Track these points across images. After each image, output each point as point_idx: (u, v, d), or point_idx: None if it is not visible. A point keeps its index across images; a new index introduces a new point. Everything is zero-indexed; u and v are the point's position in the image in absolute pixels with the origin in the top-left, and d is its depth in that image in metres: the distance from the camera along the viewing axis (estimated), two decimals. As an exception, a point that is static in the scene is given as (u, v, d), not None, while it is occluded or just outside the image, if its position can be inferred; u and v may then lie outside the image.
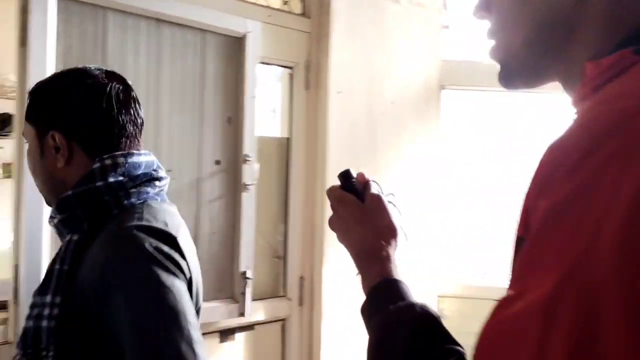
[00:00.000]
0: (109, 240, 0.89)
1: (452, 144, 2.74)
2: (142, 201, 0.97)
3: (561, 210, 0.38)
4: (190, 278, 0.92)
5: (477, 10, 0.59)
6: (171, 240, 0.90)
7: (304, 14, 2.15)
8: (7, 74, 3.21)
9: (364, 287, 0.71)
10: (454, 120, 2.75)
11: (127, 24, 1.66)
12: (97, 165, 0.96)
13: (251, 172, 1.92)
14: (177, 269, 0.88)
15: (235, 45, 1.91)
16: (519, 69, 0.56)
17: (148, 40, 1.71)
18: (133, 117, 1.00)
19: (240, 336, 2.01)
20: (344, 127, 2.14)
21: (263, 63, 2.03)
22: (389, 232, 0.73)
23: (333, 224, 0.76)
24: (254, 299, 1.97)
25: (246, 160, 1.91)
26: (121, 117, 0.98)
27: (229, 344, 1.98)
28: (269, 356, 2.11)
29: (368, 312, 0.67)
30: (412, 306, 0.64)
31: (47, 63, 1.46)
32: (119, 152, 0.97)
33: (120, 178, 0.96)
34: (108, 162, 0.96)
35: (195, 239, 1.47)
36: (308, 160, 2.16)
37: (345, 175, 0.77)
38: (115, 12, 1.63)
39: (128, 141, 1.00)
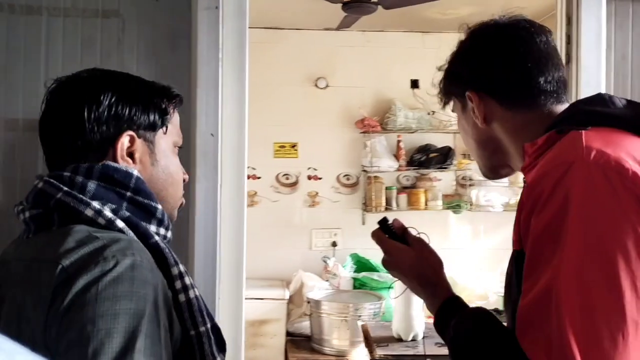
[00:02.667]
0: None
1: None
2: None
3: (547, 228, 0.71)
4: None
5: None
6: None
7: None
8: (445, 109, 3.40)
9: (432, 309, 0.94)
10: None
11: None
12: None
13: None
14: None
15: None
16: (485, 170, 0.96)
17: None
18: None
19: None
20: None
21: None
22: (439, 265, 0.97)
23: (390, 266, 0.97)
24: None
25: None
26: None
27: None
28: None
29: (444, 321, 0.89)
30: (479, 307, 0.89)
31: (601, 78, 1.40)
32: None
33: None
34: None
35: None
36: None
37: (383, 222, 0.97)
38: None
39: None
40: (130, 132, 0.81)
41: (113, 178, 0.78)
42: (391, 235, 0.96)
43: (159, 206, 0.81)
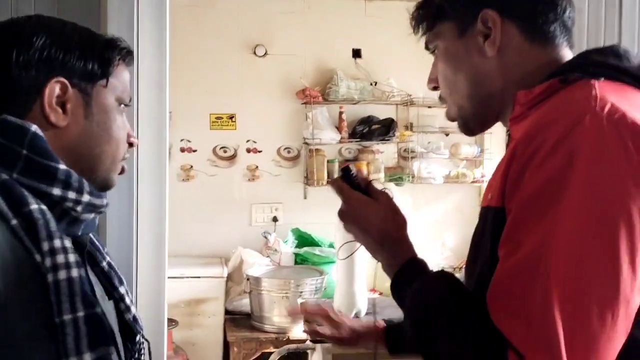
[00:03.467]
0: None
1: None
2: None
3: (544, 186, 0.62)
4: None
5: (429, 83, 0.85)
6: None
7: None
8: (387, 79, 3.19)
9: (391, 270, 0.85)
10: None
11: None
12: None
13: None
14: None
15: None
16: (470, 119, 0.82)
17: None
18: None
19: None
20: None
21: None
22: (403, 222, 0.87)
23: (348, 218, 0.87)
24: None
25: None
26: None
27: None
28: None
29: (403, 284, 0.80)
30: (444, 271, 0.81)
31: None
32: None
33: None
34: None
35: None
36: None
37: (346, 171, 0.88)
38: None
39: None
40: (62, 79, 0.72)
41: (7, 133, 0.69)
42: (353, 187, 0.87)
43: (61, 166, 0.70)
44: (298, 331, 2.60)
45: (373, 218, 0.85)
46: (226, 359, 2.81)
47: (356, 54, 3.33)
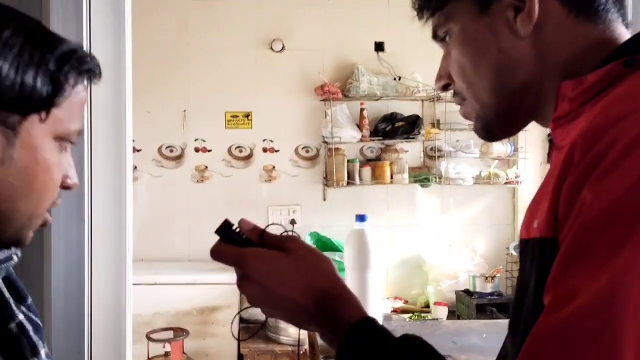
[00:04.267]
0: None
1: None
2: None
3: (616, 204, 0.42)
4: None
5: (438, 81, 0.66)
6: None
7: None
8: (412, 73, 3.07)
9: (332, 337, 0.60)
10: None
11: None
12: None
13: None
14: None
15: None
16: (494, 119, 0.62)
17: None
18: None
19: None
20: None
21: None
22: (332, 269, 0.63)
23: (252, 289, 0.61)
24: None
25: None
26: None
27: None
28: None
29: (361, 351, 0.57)
30: (407, 335, 0.58)
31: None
32: None
33: None
34: None
35: None
36: None
37: (225, 227, 0.63)
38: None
39: None
40: None
41: None
42: (240, 243, 0.63)
43: None
44: (316, 343, 2.44)
45: (290, 276, 0.61)
46: (240, 371, 2.67)
47: (378, 47, 3.14)
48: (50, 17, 0.72)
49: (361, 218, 1.39)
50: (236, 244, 0.62)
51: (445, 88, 0.67)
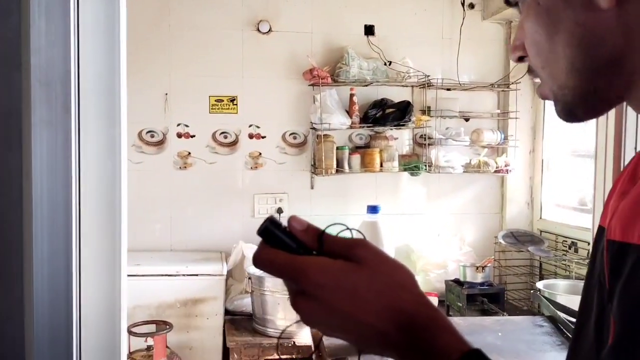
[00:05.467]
0: None
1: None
2: None
3: None
4: None
5: (513, 52, 0.59)
6: None
7: None
8: (402, 58, 2.94)
9: None
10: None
11: None
12: None
13: None
14: None
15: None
16: (576, 100, 0.54)
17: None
18: None
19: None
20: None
21: None
22: (412, 280, 0.51)
23: (313, 309, 0.48)
24: None
25: None
26: None
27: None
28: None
29: None
30: None
31: None
32: None
33: None
34: None
35: None
36: None
37: (271, 227, 0.47)
38: None
39: None
40: None
41: None
42: (295, 250, 0.49)
43: None
44: (304, 336, 2.37)
45: (364, 295, 0.48)
46: (226, 365, 2.58)
47: (369, 30, 3.04)
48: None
49: (373, 209, 1.30)
50: (286, 249, 0.48)
51: (520, 59, 0.58)
